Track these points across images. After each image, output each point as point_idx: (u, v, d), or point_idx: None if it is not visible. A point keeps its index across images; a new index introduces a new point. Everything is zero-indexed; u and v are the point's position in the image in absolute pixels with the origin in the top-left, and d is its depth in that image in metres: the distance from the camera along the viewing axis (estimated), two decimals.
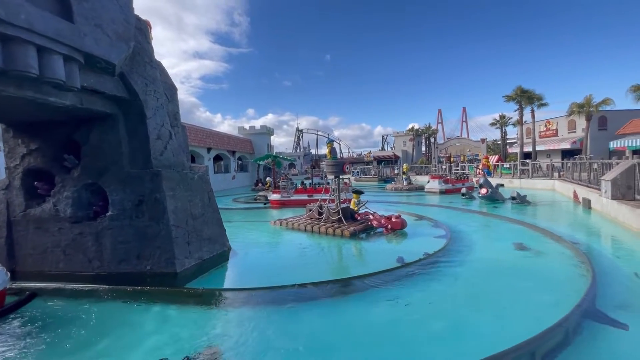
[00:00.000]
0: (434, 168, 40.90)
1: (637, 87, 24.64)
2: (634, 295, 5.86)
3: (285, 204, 19.75)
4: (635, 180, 11.38)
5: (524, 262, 8.02)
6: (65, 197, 7.71)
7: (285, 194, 20.27)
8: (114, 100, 7.21)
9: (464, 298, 6.00)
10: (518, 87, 34.54)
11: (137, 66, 7.33)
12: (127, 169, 7.55)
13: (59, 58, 4.99)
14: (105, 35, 5.87)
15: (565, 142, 37.26)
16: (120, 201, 7.41)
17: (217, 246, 8.79)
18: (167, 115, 8.43)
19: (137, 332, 5.11)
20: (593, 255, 7.99)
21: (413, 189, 28.93)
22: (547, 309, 5.34)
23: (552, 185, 23.80)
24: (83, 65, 5.65)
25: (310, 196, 19.78)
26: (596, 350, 4.24)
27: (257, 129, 47.88)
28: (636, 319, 4.92)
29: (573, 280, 6.56)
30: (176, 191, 7.76)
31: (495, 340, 4.41)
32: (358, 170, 48.72)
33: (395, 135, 69.52)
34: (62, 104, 5.87)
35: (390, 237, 10.87)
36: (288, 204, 19.77)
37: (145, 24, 7.95)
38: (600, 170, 15.02)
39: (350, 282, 6.89)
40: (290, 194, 20.28)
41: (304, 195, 19.87)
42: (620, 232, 10.35)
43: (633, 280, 6.55)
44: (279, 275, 7.54)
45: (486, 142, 59.40)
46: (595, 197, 14.12)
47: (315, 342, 4.67)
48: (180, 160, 8.69)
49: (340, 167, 12.72)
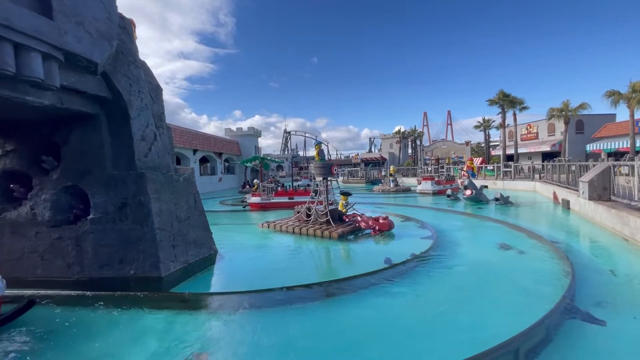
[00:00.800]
0: (420, 170, 41.53)
1: (611, 93, 25.75)
2: (611, 292, 6.09)
3: (265, 207, 19.54)
4: (610, 181, 11.87)
5: (507, 262, 8.22)
6: (43, 200, 7.43)
7: (265, 197, 20.07)
8: (96, 100, 7.01)
9: (450, 297, 6.10)
10: (500, 91, 35.56)
11: (121, 66, 7.15)
12: (110, 170, 7.34)
13: (37, 56, 4.82)
14: (87, 33, 5.71)
15: (545, 145, 38.54)
16: (103, 204, 7.19)
17: (203, 249, 8.64)
18: (151, 116, 8.25)
19: (122, 339, 4.96)
20: (572, 254, 8.28)
21: (400, 190, 29.30)
22: (529, 307, 5.48)
23: (533, 186, 24.55)
24: (63, 64, 5.47)
25: (290, 199, 19.77)
26: (576, 346, 4.38)
27: (245, 130, 47.48)
28: (613, 315, 5.12)
29: (553, 279, 6.77)
30: (161, 194, 7.60)
31: (481, 338, 4.50)
32: (344, 172, 48.96)
33: (382, 138, 70.27)
34: (41, 104, 5.66)
35: (378, 238, 10.95)
36: (268, 206, 19.55)
37: (129, 22, 7.78)
38: (578, 172, 15.60)
39: (339, 284, 6.90)
40: (270, 197, 20.10)
41: (284, 198, 19.79)
42: (597, 232, 10.76)
43: (610, 278, 6.81)
44: (267, 278, 7.47)
45: (470, 144, 60.82)
46: (574, 198, 14.64)
47: (304, 345, 4.64)
48: (166, 162, 8.52)
49: (328, 169, 12.74)
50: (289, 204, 19.49)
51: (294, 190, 20.71)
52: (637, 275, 6.91)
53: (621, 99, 25.10)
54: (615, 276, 6.86)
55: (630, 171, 10.96)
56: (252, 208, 20.03)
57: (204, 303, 6.24)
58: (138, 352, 4.57)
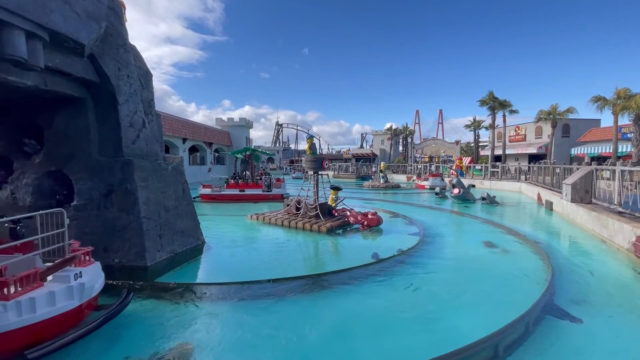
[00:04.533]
0: (410, 167, 41.93)
1: (597, 98, 26.38)
2: (589, 291, 6.31)
3: (215, 199, 19.32)
4: (592, 185, 12.23)
5: (491, 259, 8.42)
6: (24, 185, 7.20)
7: (216, 189, 19.83)
8: (83, 84, 6.79)
9: (435, 293, 6.22)
10: (490, 93, 36.00)
11: (109, 49, 6.93)
12: (96, 156, 7.16)
13: (20, 34, 4.62)
14: (73, 12, 5.49)
15: (532, 147, 39.34)
16: (88, 190, 7.02)
17: (190, 240, 8.56)
18: (140, 102, 8.05)
19: (105, 328, 4.89)
20: (553, 254, 8.53)
21: (390, 186, 29.56)
22: (510, 303, 5.64)
23: (519, 187, 25.10)
24: (48, 44, 5.26)
25: (241, 191, 19.70)
26: (554, 342, 4.53)
27: (236, 121, 46.85)
28: (590, 314, 5.32)
29: (535, 277, 6.97)
30: (148, 182, 7.46)
31: (462, 333, 4.61)
32: (335, 167, 48.99)
33: (374, 134, 70.51)
34: (24, 84, 5.44)
35: (366, 233, 11.04)
36: (218, 198, 19.33)
37: (119, 4, 7.52)
38: (562, 174, 16.01)
39: (326, 278, 6.95)
40: (221, 189, 19.89)
41: (235, 190, 19.72)
42: (578, 233, 11.11)
43: (587, 277, 7.06)
44: (254, 270, 7.46)
45: (460, 144, 61.60)
46: (557, 200, 15.04)
47: (289, 336, 4.67)
48: (154, 149, 8.35)
49: (319, 163, 12.73)
50: (239, 196, 19.48)
51: (245, 182, 20.48)
52: (613, 276, 7.18)
53: (607, 104, 25.75)
54: (593, 276, 7.11)
55: (611, 175, 11.32)
56: (203, 199, 19.63)
57: (189, 293, 6.19)
58: (122, 342, 4.52)
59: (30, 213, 4.80)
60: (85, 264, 4.85)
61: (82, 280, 4.52)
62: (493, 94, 35.73)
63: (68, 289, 4.33)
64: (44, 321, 4.02)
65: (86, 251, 5.03)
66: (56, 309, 4.14)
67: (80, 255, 4.85)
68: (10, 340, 3.78)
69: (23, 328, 3.85)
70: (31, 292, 3.99)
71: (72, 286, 4.36)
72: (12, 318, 3.76)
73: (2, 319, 3.71)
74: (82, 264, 4.81)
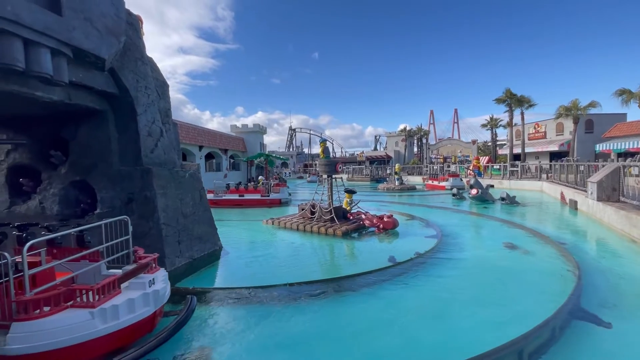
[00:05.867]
0: (426, 169, 41.29)
1: (622, 92, 25.28)
2: (618, 294, 6.01)
3: (217, 204, 19.35)
4: (620, 182, 11.68)
5: (512, 262, 8.16)
6: (51, 194, 7.55)
7: (218, 194, 20.06)
8: (104, 96, 7.08)
9: (455, 296, 6.07)
10: (507, 90, 35.10)
11: (128, 62, 7.20)
12: (117, 166, 7.43)
13: (46, 52, 4.88)
14: (95, 29, 5.75)
15: (553, 145, 38.01)
16: (110, 199, 7.28)
17: (208, 245, 8.71)
18: (158, 112, 8.31)
19: None
20: (579, 256, 8.18)
21: (405, 188, 29.17)
22: (534, 307, 5.44)
23: (540, 186, 24.26)
24: (72, 60, 5.53)
25: (241, 196, 19.95)
26: (581, 348, 4.34)
27: (250, 127, 47.57)
28: (620, 318, 5.06)
29: (560, 280, 6.70)
30: (167, 189, 7.67)
31: (485, 337, 4.48)
32: (349, 170, 48.82)
33: (387, 136, 69.90)
34: (50, 99, 5.73)
35: (382, 236, 10.93)
36: (220, 203, 19.41)
37: (137, 19, 7.82)
38: (587, 172, 15.37)
39: (342, 282, 6.91)
40: (222, 194, 20.14)
41: (235, 195, 19.99)
42: (605, 233, 10.61)
43: (617, 280, 6.72)
44: (271, 274, 7.51)
45: (477, 143, 60.22)
46: (582, 199, 14.44)
47: (307, 340, 4.67)
48: (172, 158, 8.58)
49: (333, 167, 12.73)
50: (239, 201, 19.72)
51: (245, 188, 20.80)
52: None
53: (632, 97, 24.62)
54: (623, 278, 6.77)
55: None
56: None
57: (208, 298, 6.30)
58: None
59: (96, 222, 4.80)
60: (153, 271, 4.81)
61: (156, 287, 4.54)
62: (510, 91, 34.81)
63: (144, 295, 4.32)
64: (126, 328, 4.03)
65: (153, 258, 5.00)
66: (136, 315, 4.13)
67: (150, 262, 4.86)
68: (96, 348, 3.79)
69: (108, 335, 3.84)
70: (113, 299, 4.00)
71: (148, 293, 4.36)
72: (98, 325, 3.76)
73: (89, 327, 3.69)
74: (151, 270, 4.81)
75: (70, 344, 3.57)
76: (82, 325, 3.66)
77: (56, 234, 4.44)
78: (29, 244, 3.61)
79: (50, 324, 3.50)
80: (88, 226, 4.71)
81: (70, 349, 3.58)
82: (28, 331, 3.40)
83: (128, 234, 4.79)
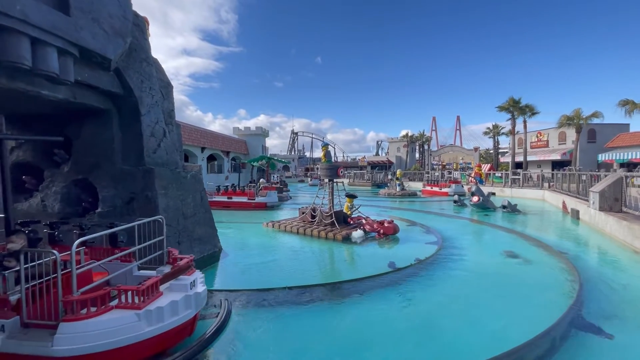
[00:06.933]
0: (428, 175, 41.26)
1: (625, 102, 25.27)
2: (619, 305, 5.96)
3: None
4: (622, 192, 11.63)
5: (513, 270, 8.10)
6: (53, 192, 7.57)
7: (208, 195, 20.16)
8: (109, 96, 7.13)
9: (454, 305, 6.03)
10: (510, 98, 35.12)
11: (134, 62, 7.26)
12: (119, 165, 7.45)
13: (53, 51, 4.92)
14: (101, 29, 5.81)
15: (555, 153, 37.96)
16: (111, 198, 7.30)
17: (208, 247, 8.70)
18: (161, 113, 8.36)
19: None
20: (580, 265, 8.12)
21: (406, 194, 29.12)
22: (535, 317, 5.39)
23: (542, 195, 24.18)
24: (78, 59, 5.58)
25: (229, 198, 20.18)
26: (582, 358, 4.29)
27: (253, 130, 47.77)
28: (621, 329, 5.01)
29: (561, 289, 6.65)
30: (168, 190, 7.68)
31: (484, 346, 4.44)
32: (350, 174, 48.82)
33: (389, 141, 69.99)
34: (55, 98, 5.77)
35: (383, 242, 10.89)
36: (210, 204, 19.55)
37: (143, 20, 7.89)
38: (589, 182, 15.32)
39: (341, 286, 6.88)
40: (212, 195, 20.15)
41: (224, 198, 20.20)
42: (607, 243, 10.55)
43: (618, 290, 6.66)
44: (270, 277, 7.48)
45: (479, 150, 60.20)
46: (584, 208, 14.38)
47: (305, 344, 4.64)
48: (174, 158, 8.61)
49: (334, 171, 12.74)
50: (227, 203, 19.92)
51: (234, 190, 21.03)
52: None
53: (635, 108, 24.60)
54: (625, 289, 6.71)
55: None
56: None
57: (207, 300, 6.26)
58: None
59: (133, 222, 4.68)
60: (190, 273, 4.69)
61: (197, 289, 4.44)
62: (513, 99, 34.83)
63: (186, 298, 4.20)
64: (169, 331, 3.91)
65: (191, 259, 4.89)
66: (179, 318, 4.02)
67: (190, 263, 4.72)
68: (141, 351, 3.69)
69: (153, 338, 3.73)
70: (156, 301, 3.89)
71: (190, 295, 4.25)
72: (144, 327, 3.65)
73: (135, 329, 3.57)
74: (190, 272, 4.69)
75: (116, 346, 3.45)
76: (129, 327, 3.55)
77: (99, 234, 4.32)
78: (78, 241, 3.51)
79: (97, 325, 3.39)
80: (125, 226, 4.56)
81: (116, 351, 3.46)
82: (76, 332, 3.28)
83: (162, 234, 4.66)
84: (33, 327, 3.43)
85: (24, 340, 3.29)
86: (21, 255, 3.35)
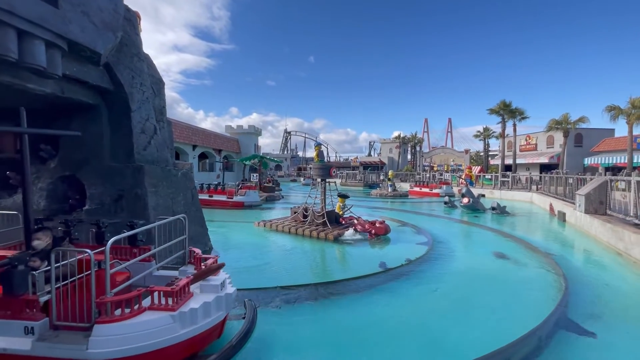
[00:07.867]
0: (419, 176, 41.65)
1: (611, 108, 25.92)
2: (603, 305, 6.10)
3: None
4: (607, 196, 11.93)
5: (501, 271, 8.24)
6: (39, 189, 7.38)
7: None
8: (98, 91, 6.98)
9: (443, 304, 6.10)
10: (501, 102, 35.70)
11: (124, 57, 7.13)
12: (108, 162, 7.30)
13: (40, 43, 4.79)
14: (91, 23, 5.68)
15: (543, 157, 38.72)
16: (99, 195, 7.15)
17: (198, 246, 8.57)
18: (152, 110, 8.23)
19: None
20: (566, 266, 8.30)
21: (398, 195, 29.33)
22: (521, 316, 5.49)
23: (530, 197, 24.63)
24: (66, 53, 5.45)
25: (210, 197, 20.22)
26: (567, 357, 4.38)
27: (245, 128, 47.46)
28: (605, 329, 5.13)
29: (547, 290, 6.78)
30: (158, 187, 7.57)
31: (470, 346, 4.49)
32: (343, 174, 48.92)
33: (382, 142, 70.38)
34: (42, 92, 5.63)
35: (374, 242, 10.94)
36: None
37: (135, 14, 7.76)
38: (575, 185, 15.67)
39: (333, 286, 6.88)
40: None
41: (205, 196, 20.07)
42: (592, 245, 10.80)
43: (602, 291, 6.83)
44: (262, 276, 7.45)
45: (469, 153, 61.00)
46: (570, 211, 14.70)
47: (295, 344, 4.62)
48: (164, 156, 8.48)
49: (327, 171, 12.75)
50: (208, 202, 19.83)
51: (214, 188, 21.07)
52: (629, 290, 6.94)
53: (621, 114, 25.26)
54: (608, 290, 6.88)
55: (627, 186, 11.02)
56: None
57: None
58: None
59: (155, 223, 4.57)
60: (217, 273, 4.54)
61: (227, 289, 4.32)
62: (504, 102, 35.41)
63: (218, 299, 4.07)
64: (202, 333, 3.79)
65: (216, 258, 4.76)
66: (211, 320, 3.90)
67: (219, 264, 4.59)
68: (175, 354, 3.58)
69: (186, 341, 3.60)
70: (189, 303, 3.76)
71: (221, 296, 4.13)
72: (179, 330, 3.52)
73: (170, 331, 3.44)
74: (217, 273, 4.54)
75: (151, 349, 3.31)
76: (165, 329, 3.41)
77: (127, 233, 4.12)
78: (112, 240, 3.37)
79: (133, 328, 3.25)
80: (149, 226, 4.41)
81: (151, 354, 3.31)
82: (111, 334, 3.15)
83: (184, 233, 4.49)
84: (63, 329, 3.26)
85: (57, 343, 3.12)
86: (52, 254, 3.17)
